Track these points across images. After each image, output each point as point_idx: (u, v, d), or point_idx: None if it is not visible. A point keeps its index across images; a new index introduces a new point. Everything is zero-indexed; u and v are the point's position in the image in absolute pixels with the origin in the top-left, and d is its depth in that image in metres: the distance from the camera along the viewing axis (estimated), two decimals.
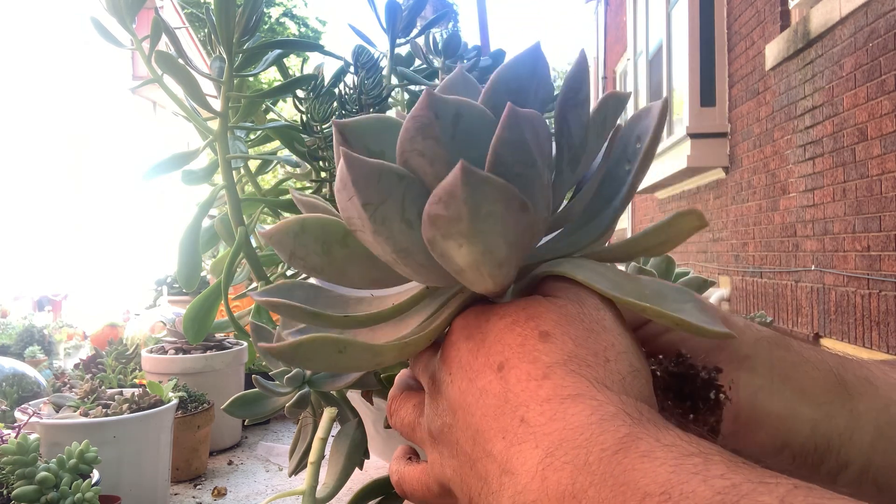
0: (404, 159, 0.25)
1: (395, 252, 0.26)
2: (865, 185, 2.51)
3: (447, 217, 0.23)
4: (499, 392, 0.26)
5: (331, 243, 0.28)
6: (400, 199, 0.25)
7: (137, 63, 5.63)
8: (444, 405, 0.29)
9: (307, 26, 15.59)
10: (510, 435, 0.25)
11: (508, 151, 0.24)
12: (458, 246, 0.24)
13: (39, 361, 1.46)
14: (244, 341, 1.14)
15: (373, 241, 0.26)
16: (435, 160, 0.25)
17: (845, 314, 2.65)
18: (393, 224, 0.25)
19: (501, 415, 0.25)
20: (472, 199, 0.23)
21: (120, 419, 0.79)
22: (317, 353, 0.27)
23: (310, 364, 0.28)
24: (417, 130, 0.25)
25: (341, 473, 0.57)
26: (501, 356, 0.27)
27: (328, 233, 0.28)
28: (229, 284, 0.73)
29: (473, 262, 0.25)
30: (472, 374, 0.27)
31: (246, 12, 0.67)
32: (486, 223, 0.24)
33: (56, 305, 3.47)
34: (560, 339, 0.26)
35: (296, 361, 0.28)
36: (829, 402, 0.34)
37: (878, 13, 2.40)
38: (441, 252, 0.25)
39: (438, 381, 0.30)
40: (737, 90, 3.85)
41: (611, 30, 7.85)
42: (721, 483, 0.20)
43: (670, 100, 4.62)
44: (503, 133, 0.24)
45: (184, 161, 0.75)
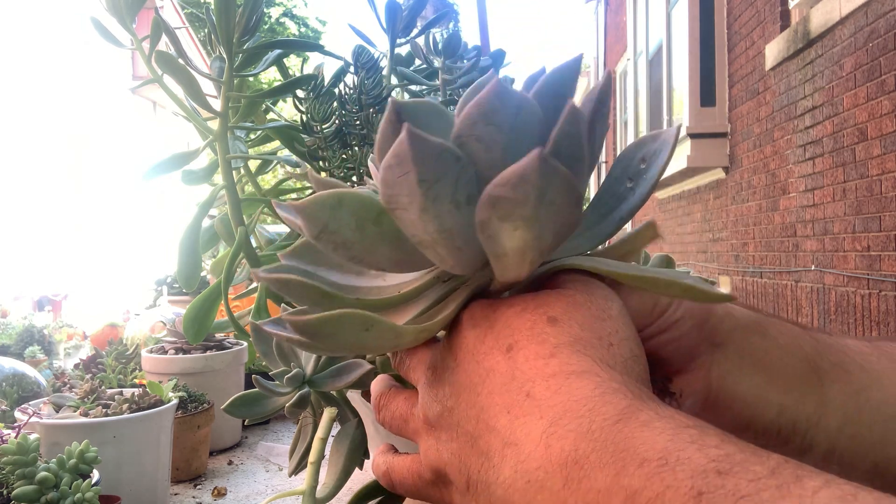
0: (461, 142, 0.26)
1: (438, 231, 0.27)
2: (865, 185, 2.51)
3: (513, 199, 0.24)
4: (505, 370, 0.27)
5: (365, 220, 0.28)
6: (454, 180, 0.26)
7: (137, 63, 5.63)
8: (447, 391, 0.30)
9: (307, 26, 15.59)
10: (515, 409, 0.26)
11: (566, 144, 0.26)
12: (513, 229, 0.25)
13: (39, 361, 1.46)
14: (244, 341, 1.14)
15: (416, 220, 0.26)
16: (492, 146, 0.26)
17: (845, 314, 2.65)
18: (443, 204, 0.26)
19: (507, 391, 0.26)
20: (541, 185, 0.24)
21: (120, 419, 0.79)
22: (343, 328, 0.27)
23: (332, 341, 0.28)
24: (481, 116, 0.26)
25: (341, 473, 0.57)
26: (510, 339, 0.28)
27: (365, 209, 0.28)
28: (229, 284, 0.73)
29: (522, 246, 0.26)
30: (479, 356, 0.28)
31: (246, 12, 0.67)
32: (547, 210, 0.25)
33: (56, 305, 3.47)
34: (567, 323, 0.28)
35: (319, 337, 0.28)
36: (798, 389, 0.36)
37: (878, 13, 2.40)
38: (491, 234, 0.26)
39: (441, 369, 0.31)
40: (737, 90, 3.85)
41: (611, 30, 7.85)
42: (715, 452, 0.21)
43: (670, 101, 4.62)
44: (564, 126, 0.25)
45: (184, 161, 0.75)
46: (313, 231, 0.28)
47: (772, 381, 0.36)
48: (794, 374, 0.36)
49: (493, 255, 0.27)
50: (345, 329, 0.27)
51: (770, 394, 0.35)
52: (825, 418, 0.35)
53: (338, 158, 0.70)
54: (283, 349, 0.57)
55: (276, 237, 0.82)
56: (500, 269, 0.28)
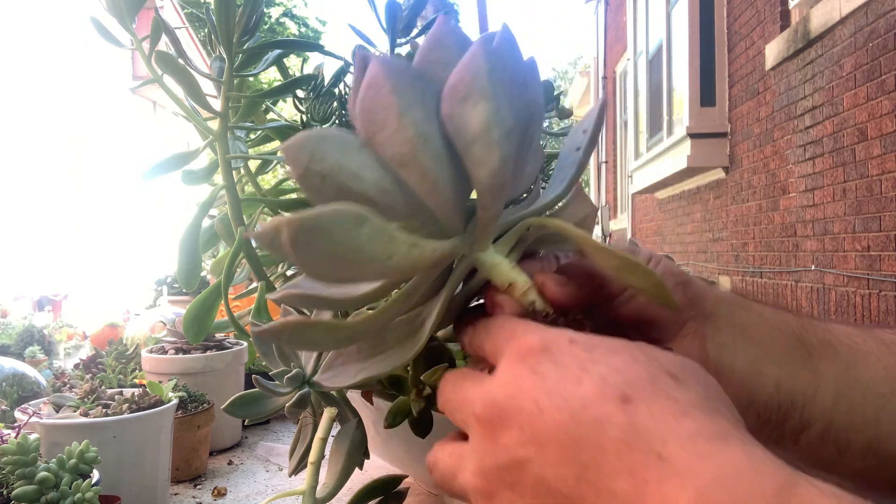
0: (423, 68, 0.31)
1: (416, 136, 0.29)
2: (865, 185, 2.51)
3: (469, 77, 0.28)
4: (623, 424, 0.24)
5: (349, 149, 0.30)
6: (421, 91, 0.29)
7: (137, 63, 5.63)
8: (516, 437, 0.26)
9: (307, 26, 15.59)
10: (643, 472, 0.23)
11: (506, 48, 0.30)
12: (473, 106, 0.28)
13: (39, 361, 1.46)
14: (244, 341, 1.14)
15: (395, 130, 0.29)
16: (447, 65, 0.30)
17: (845, 314, 2.65)
18: (415, 110, 0.29)
19: (629, 450, 0.23)
20: (488, 62, 0.28)
21: (120, 419, 0.79)
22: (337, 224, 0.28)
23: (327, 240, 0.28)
24: (435, 43, 0.31)
25: (341, 473, 0.57)
26: (624, 388, 0.24)
27: (346, 141, 0.31)
28: (229, 284, 0.73)
29: (486, 120, 0.28)
30: (575, 401, 0.25)
31: (246, 12, 0.67)
32: (499, 86, 0.29)
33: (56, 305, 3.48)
34: (689, 382, 0.25)
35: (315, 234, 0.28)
36: (790, 362, 0.36)
37: (878, 13, 2.40)
38: (457, 122, 0.29)
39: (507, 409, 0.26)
40: (737, 90, 3.85)
41: (611, 30, 7.85)
42: None
43: (670, 101, 4.62)
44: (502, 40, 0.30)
45: (184, 161, 0.75)
46: (301, 162, 0.29)
47: (765, 355, 0.36)
48: (785, 348, 0.36)
49: (464, 146, 0.29)
50: (338, 225, 0.27)
51: (766, 367, 0.35)
52: (820, 393, 0.35)
53: None
54: (284, 350, 0.57)
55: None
56: (475, 163, 0.30)
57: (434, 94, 0.30)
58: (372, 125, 0.30)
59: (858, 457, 0.36)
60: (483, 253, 0.34)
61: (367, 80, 0.29)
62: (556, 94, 0.77)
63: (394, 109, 0.29)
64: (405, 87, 0.29)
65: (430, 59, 0.31)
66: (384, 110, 0.29)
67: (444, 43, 0.31)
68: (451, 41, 0.31)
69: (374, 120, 0.29)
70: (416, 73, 0.30)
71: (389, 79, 0.29)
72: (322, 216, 0.27)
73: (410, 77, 0.29)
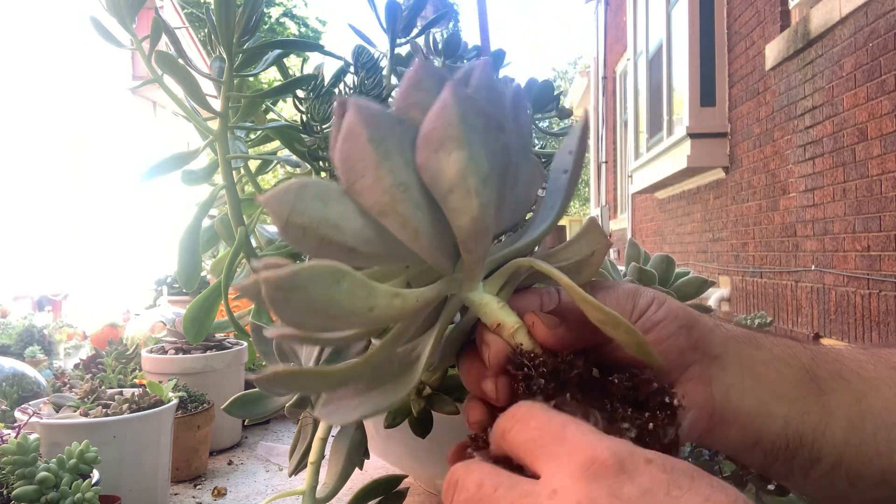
0: (401, 113, 0.30)
1: (395, 185, 0.29)
2: (865, 185, 2.51)
3: (440, 127, 0.28)
4: None
5: (329, 198, 0.30)
6: (399, 138, 0.29)
7: (137, 63, 5.63)
8: None
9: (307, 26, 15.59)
10: None
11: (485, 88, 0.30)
12: (447, 154, 0.28)
13: (39, 361, 1.46)
14: (244, 341, 1.14)
15: (373, 180, 0.29)
16: (426, 109, 0.29)
17: (845, 314, 2.65)
18: (394, 158, 0.29)
19: None
20: (459, 109, 0.28)
21: (120, 419, 0.79)
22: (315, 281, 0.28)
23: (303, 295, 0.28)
24: (412, 86, 0.30)
25: (341, 473, 0.57)
26: None
27: (328, 190, 0.30)
28: (229, 284, 0.73)
29: (461, 169, 0.28)
30: None
31: (246, 12, 0.67)
32: (473, 133, 0.28)
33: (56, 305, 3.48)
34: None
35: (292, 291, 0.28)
36: (800, 399, 0.35)
37: (878, 13, 2.40)
38: (433, 172, 0.28)
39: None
40: (737, 90, 3.85)
41: (611, 30, 7.85)
42: None
43: (670, 101, 4.62)
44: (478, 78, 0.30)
45: (184, 161, 0.75)
46: (282, 216, 0.29)
47: (774, 393, 0.35)
48: (794, 385, 0.35)
49: (442, 196, 0.29)
50: (315, 282, 0.27)
51: (774, 406, 0.35)
52: (830, 428, 0.35)
53: None
54: (284, 349, 0.57)
55: (276, 237, 0.82)
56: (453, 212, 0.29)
57: (412, 140, 0.29)
58: (351, 174, 0.29)
59: (871, 488, 0.35)
60: (472, 293, 0.33)
61: (345, 129, 0.29)
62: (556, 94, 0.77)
63: (371, 159, 0.28)
64: (382, 135, 0.29)
65: (409, 103, 0.30)
66: (362, 160, 0.29)
67: (421, 86, 0.30)
68: (429, 84, 0.30)
69: (353, 169, 0.29)
70: (393, 119, 0.29)
71: (367, 127, 0.28)
72: (299, 274, 0.27)
73: (388, 124, 0.29)
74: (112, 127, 5.75)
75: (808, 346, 0.37)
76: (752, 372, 0.35)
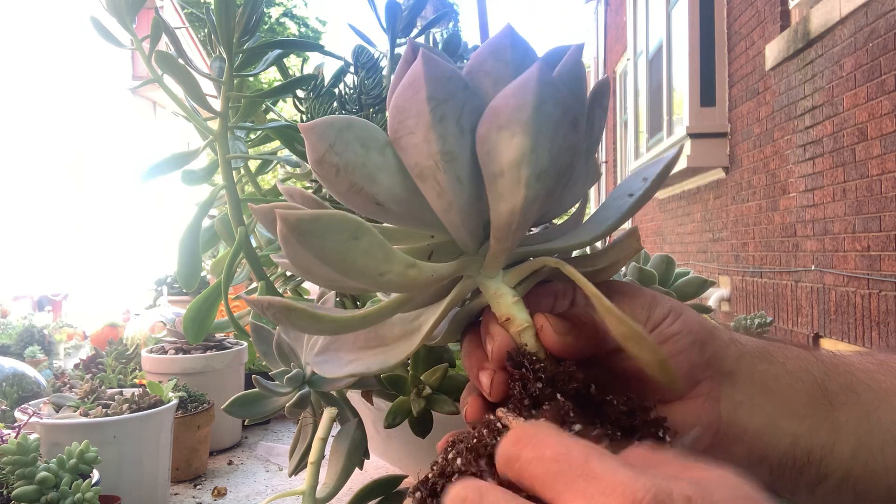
0: (471, 76, 0.28)
1: (441, 153, 0.27)
2: (865, 185, 2.51)
3: (512, 105, 0.26)
4: None
5: (370, 146, 0.28)
6: (460, 104, 0.27)
7: (137, 63, 5.63)
8: None
9: (307, 26, 15.59)
10: None
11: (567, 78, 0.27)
12: (510, 137, 0.26)
13: (39, 361, 1.46)
14: (244, 341, 1.14)
15: (421, 141, 0.27)
16: (499, 81, 0.27)
17: (845, 314, 2.65)
18: (448, 125, 0.27)
19: None
20: (540, 93, 0.25)
21: (120, 419, 0.79)
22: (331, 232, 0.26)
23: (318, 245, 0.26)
24: (491, 53, 0.28)
25: (341, 473, 0.57)
26: None
27: (372, 137, 0.28)
28: (229, 284, 0.73)
29: (518, 156, 0.26)
30: None
31: (246, 12, 0.67)
32: (543, 120, 0.26)
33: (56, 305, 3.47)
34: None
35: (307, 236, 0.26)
36: (811, 415, 0.34)
37: (878, 13, 2.40)
38: (489, 148, 0.27)
39: None
40: (737, 90, 3.85)
41: (611, 30, 7.85)
42: None
43: (670, 101, 4.62)
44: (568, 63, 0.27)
45: (184, 161, 0.75)
46: (318, 151, 0.28)
47: (784, 410, 0.34)
48: (805, 401, 0.35)
49: (490, 176, 0.27)
50: (332, 232, 0.26)
51: (783, 423, 0.34)
52: (839, 445, 0.34)
53: None
54: (283, 349, 0.57)
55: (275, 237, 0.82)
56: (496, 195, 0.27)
57: (475, 109, 0.27)
58: (400, 127, 0.28)
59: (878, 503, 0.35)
60: (489, 279, 0.32)
61: (407, 78, 0.27)
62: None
63: (424, 118, 0.27)
64: (444, 96, 0.26)
65: (483, 70, 0.28)
66: (414, 117, 0.27)
67: (500, 56, 0.28)
68: (509, 56, 0.28)
69: (403, 123, 0.27)
70: (459, 82, 0.27)
71: (428, 83, 0.26)
72: (319, 220, 0.26)
73: (452, 86, 0.27)
74: (112, 127, 5.75)
75: (820, 358, 0.37)
76: (763, 388, 0.35)
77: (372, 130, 0.28)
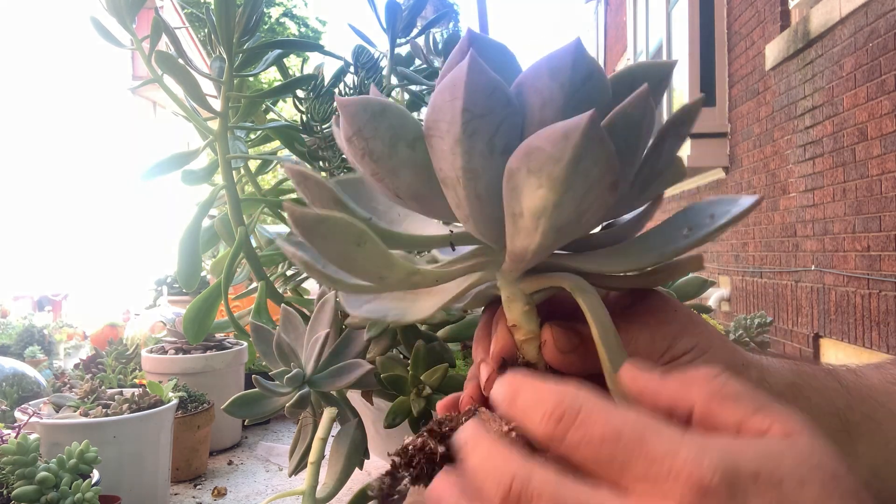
0: (520, 90, 0.25)
1: (464, 169, 0.25)
2: (865, 185, 2.51)
3: (548, 153, 0.23)
4: None
5: (400, 139, 0.27)
6: (498, 122, 0.25)
7: (137, 63, 5.63)
8: None
9: (307, 26, 15.59)
10: None
11: (623, 125, 0.24)
12: (537, 185, 0.24)
13: (39, 361, 1.46)
14: (244, 341, 1.14)
15: (448, 151, 0.25)
16: (548, 103, 0.25)
17: (845, 314, 2.65)
18: (477, 141, 0.25)
19: None
20: (582, 149, 0.23)
21: (120, 419, 0.79)
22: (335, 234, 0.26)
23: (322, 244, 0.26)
24: (548, 69, 0.25)
25: (341, 473, 0.57)
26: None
27: (405, 127, 0.27)
28: (229, 284, 0.73)
29: (540, 208, 0.24)
30: None
31: (246, 12, 0.67)
32: (578, 177, 0.23)
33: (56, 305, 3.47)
34: None
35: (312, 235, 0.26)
36: None
37: (878, 13, 2.40)
38: (515, 185, 0.24)
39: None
40: (737, 90, 3.85)
41: (611, 30, 7.85)
42: None
43: (670, 101, 4.62)
44: (628, 107, 0.24)
45: (184, 161, 0.75)
46: (348, 130, 0.27)
47: None
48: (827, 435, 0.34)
49: (510, 213, 0.26)
50: (336, 235, 0.26)
51: None
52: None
53: (338, 158, 0.70)
54: (283, 349, 0.57)
55: (276, 237, 0.82)
56: (511, 233, 0.26)
57: (513, 128, 0.25)
58: (434, 126, 0.26)
59: None
60: (506, 283, 0.31)
61: (448, 80, 0.24)
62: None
63: (456, 129, 0.25)
64: (481, 111, 0.24)
65: (535, 86, 0.25)
66: (448, 122, 0.25)
67: (557, 75, 0.25)
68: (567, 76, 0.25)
69: (437, 123, 0.26)
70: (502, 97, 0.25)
71: (469, 93, 0.24)
72: (324, 223, 0.25)
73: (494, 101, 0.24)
74: (112, 127, 5.75)
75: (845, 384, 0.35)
76: None
77: (406, 121, 0.27)
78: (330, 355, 0.58)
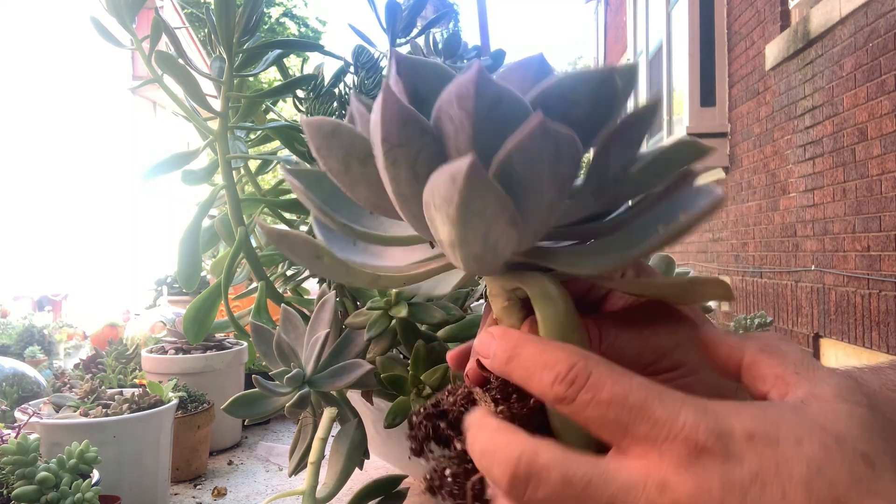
0: (437, 117, 0.25)
1: (394, 193, 0.27)
2: (865, 185, 2.51)
3: (443, 195, 0.24)
4: None
5: (351, 158, 0.28)
6: (417, 150, 0.25)
7: (137, 63, 5.63)
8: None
9: (307, 26, 15.58)
10: None
11: (521, 161, 0.24)
12: (443, 222, 0.25)
13: (39, 361, 1.46)
14: (244, 341, 1.14)
15: (383, 170, 0.27)
16: (460, 131, 0.25)
17: (845, 314, 2.65)
18: (401, 169, 0.26)
19: None
20: (467, 193, 0.23)
21: (120, 419, 0.79)
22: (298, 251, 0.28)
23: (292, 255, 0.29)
24: (456, 96, 0.24)
25: (341, 473, 0.57)
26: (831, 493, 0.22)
27: (355, 148, 0.27)
28: (229, 284, 0.73)
29: (451, 241, 0.25)
30: None
31: (246, 12, 0.67)
32: (472, 219, 0.24)
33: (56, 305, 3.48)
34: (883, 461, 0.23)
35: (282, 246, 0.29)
36: None
37: (878, 13, 2.40)
38: (430, 217, 0.26)
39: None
40: (737, 90, 3.85)
41: (611, 30, 7.85)
42: None
43: (670, 101, 4.62)
44: (524, 141, 0.23)
45: (184, 161, 0.75)
46: (312, 147, 0.28)
47: None
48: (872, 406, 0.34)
49: (436, 239, 0.27)
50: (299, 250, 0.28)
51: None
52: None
53: None
54: (283, 349, 0.57)
55: None
56: (448, 256, 0.28)
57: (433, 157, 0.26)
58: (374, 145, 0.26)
59: None
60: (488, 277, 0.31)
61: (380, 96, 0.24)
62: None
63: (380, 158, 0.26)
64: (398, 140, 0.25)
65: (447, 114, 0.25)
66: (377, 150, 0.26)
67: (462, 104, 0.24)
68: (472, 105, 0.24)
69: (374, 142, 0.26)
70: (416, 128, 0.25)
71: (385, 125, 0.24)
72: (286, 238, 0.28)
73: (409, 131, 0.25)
74: (112, 127, 5.75)
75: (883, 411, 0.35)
76: None
77: (355, 141, 0.27)
78: (330, 355, 0.58)
